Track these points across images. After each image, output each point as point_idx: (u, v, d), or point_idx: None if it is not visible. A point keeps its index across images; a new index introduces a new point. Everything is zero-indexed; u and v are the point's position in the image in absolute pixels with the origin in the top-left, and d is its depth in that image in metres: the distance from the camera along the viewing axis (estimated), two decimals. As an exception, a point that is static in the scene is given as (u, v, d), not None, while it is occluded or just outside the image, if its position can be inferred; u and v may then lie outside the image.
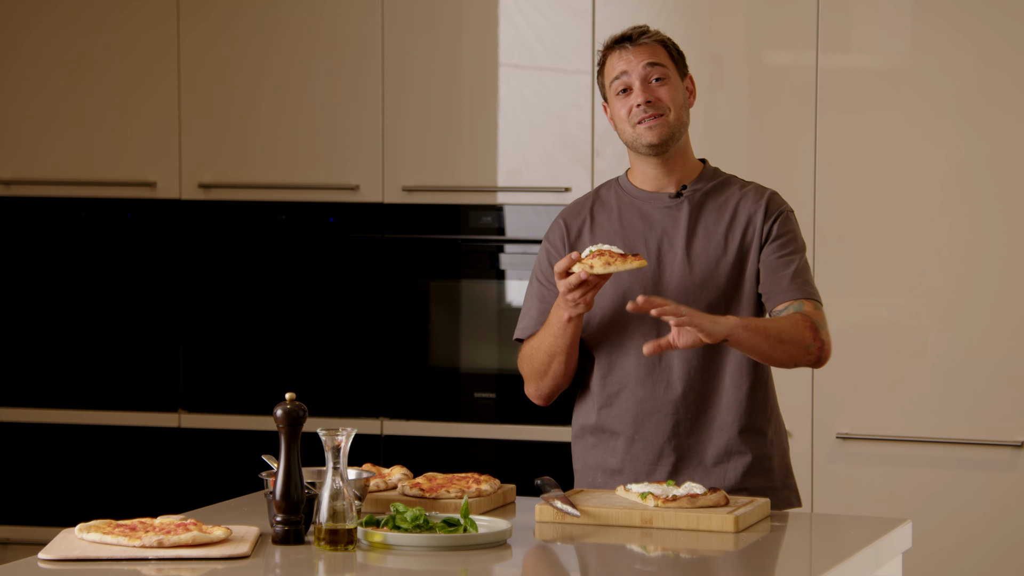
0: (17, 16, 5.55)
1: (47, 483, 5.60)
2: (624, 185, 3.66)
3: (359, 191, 5.35)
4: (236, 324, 5.45)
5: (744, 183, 3.65)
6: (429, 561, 2.94)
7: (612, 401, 3.59)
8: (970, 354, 4.85)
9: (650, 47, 3.57)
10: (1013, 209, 4.82)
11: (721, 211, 3.59)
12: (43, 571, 2.83)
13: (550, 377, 3.60)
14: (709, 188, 3.61)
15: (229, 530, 3.02)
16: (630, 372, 3.57)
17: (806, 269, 3.58)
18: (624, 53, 3.57)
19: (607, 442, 3.60)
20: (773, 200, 3.61)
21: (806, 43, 4.96)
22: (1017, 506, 4.83)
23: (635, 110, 3.54)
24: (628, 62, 3.56)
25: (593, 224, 3.63)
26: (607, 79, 3.60)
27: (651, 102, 3.53)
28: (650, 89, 3.55)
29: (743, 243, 3.56)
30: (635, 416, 3.56)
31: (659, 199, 3.61)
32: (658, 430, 3.55)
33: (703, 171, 3.64)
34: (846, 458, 4.91)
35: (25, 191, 5.58)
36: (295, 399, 3.05)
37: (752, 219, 3.58)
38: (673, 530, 3.19)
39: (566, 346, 3.53)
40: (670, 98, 3.55)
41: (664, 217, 3.59)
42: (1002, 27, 4.81)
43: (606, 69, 3.61)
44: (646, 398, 3.56)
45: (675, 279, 3.55)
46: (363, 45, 5.32)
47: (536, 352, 3.59)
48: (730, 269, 3.55)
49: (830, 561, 3.03)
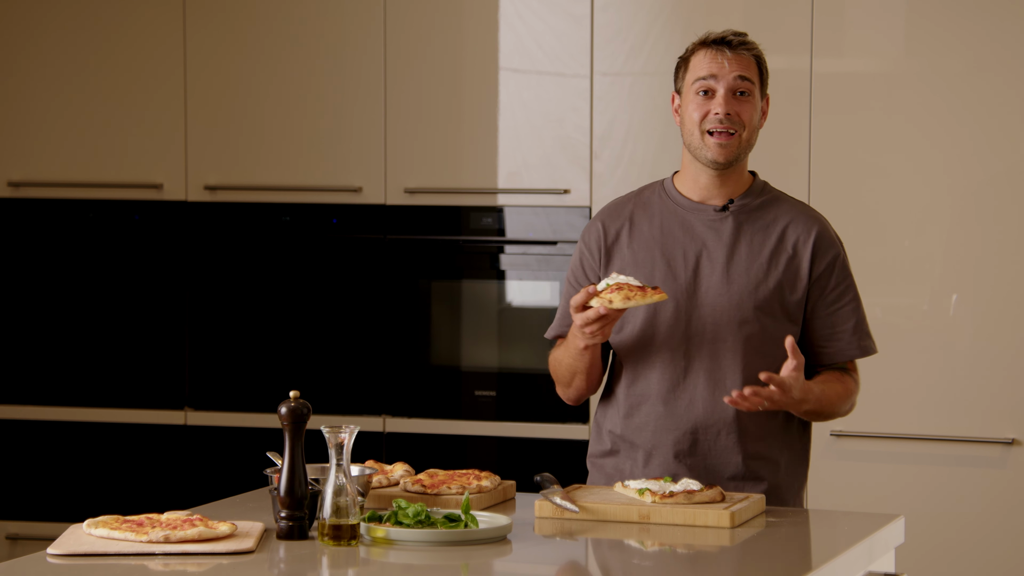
0: (26, 22, 5.55)
1: (56, 479, 5.60)
2: (669, 190, 3.54)
3: (362, 193, 5.35)
4: (241, 323, 5.45)
5: (793, 203, 3.54)
6: (431, 556, 2.94)
7: (634, 412, 3.52)
8: (962, 353, 4.85)
9: (745, 59, 3.45)
10: (1005, 210, 4.82)
11: (768, 231, 3.48)
12: (52, 566, 2.83)
13: (574, 388, 3.57)
14: (757, 205, 3.51)
15: (234, 526, 3.03)
16: (653, 386, 3.50)
17: (863, 317, 3.52)
18: (719, 56, 3.43)
19: (627, 451, 3.54)
20: (824, 236, 3.50)
21: (801, 47, 4.96)
22: (1008, 502, 4.83)
23: (711, 117, 3.42)
24: (721, 67, 3.43)
25: (632, 229, 3.53)
26: (690, 74, 3.46)
27: (730, 115, 3.42)
28: (734, 102, 3.43)
29: (788, 270, 3.47)
30: (653, 431, 3.50)
31: (704, 211, 3.50)
32: (674, 447, 3.49)
33: (752, 185, 3.53)
34: (840, 455, 4.91)
35: (35, 193, 5.59)
36: (299, 397, 3.05)
37: (799, 250, 3.47)
38: (670, 525, 3.19)
39: (585, 367, 3.49)
40: (748, 117, 3.44)
41: (707, 230, 3.48)
42: (993, 31, 4.81)
43: (692, 63, 3.46)
44: (666, 414, 3.49)
45: (711, 295, 3.46)
46: (366, 50, 5.32)
47: (559, 366, 3.55)
48: (769, 293, 3.45)
49: (824, 556, 3.03)
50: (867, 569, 3.15)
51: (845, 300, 3.50)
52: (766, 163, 4.95)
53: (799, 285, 3.48)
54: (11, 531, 5.64)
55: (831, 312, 3.49)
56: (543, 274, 5.22)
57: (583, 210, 5.16)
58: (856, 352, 3.51)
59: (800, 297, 3.48)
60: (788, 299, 3.47)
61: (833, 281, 3.49)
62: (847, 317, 3.50)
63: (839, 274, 3.50)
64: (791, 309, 3.48)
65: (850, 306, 3.51)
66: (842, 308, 3.50)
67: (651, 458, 3.51)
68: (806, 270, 3.48)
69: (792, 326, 3.48)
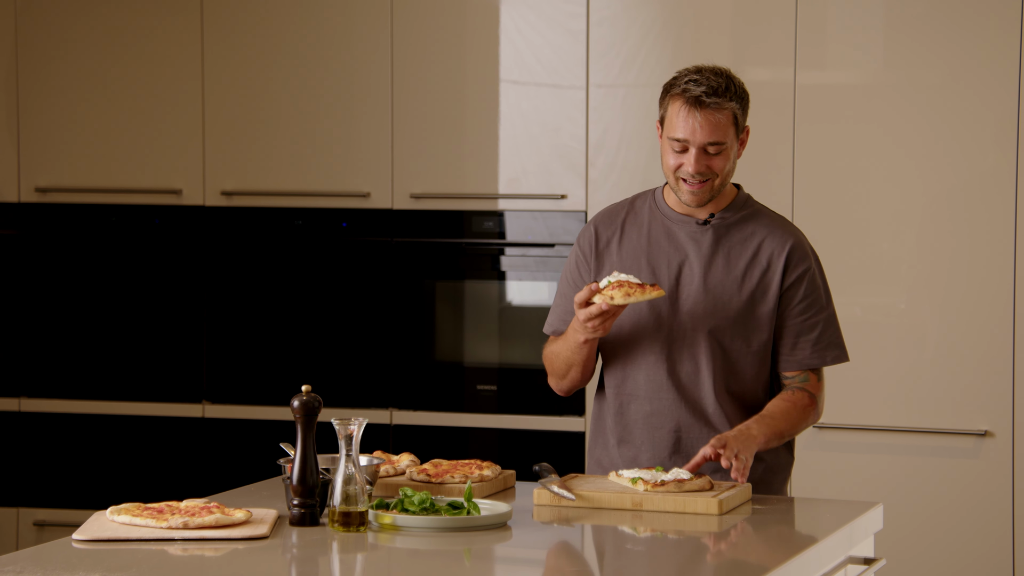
0: (52, 37, 5.55)
1: (81, 469, 5.60)
2: (659, 201, 3.54)
3: (370, 198, 5.35)
4: (256, 322, 5.45)
5: (772, 218, 3.53)
6: (435, 541, 2.94)
7: (624, 410, 3.53)
8: (937, 349, 4.85)
9: (717, 119, 3.36)
10: (976, 214, 4.82)
11: (745, 244, 3.48)
12: (77, 551, 2.83)
13: (568, 380, 3.57)
14: (736, 219, 3.50)
15: (249, 513, 3.02)
16: (640, 386, 3.51)
17: (830, 326, 3.49)
18: (691, 117, 3.36)
19: (622, 446, 3.55)
20: (796, 250, 3.49)
21: (785, 61, 4.96)
22: (980, 490, 4.83)
23: (683, 169, 3.39)
24: (692, 132, 3.36)
25: (622, 237, 3.54)
26: (667, 127, 3.41)
27: (702, 172, 3.39)
28: (704, 159, 3.38)
29: (761, 281, 3.47)
30: (642, 428, 3.51)
31: (687, 223, 3.50)
32: (662, 444, 3.50)
33: (735, 200, 3.52)
34: (822, 446, 4.91)
35: (59, 198, 5.58)
36: (311, 391, 3.05)
37: (772, 263, 3.47)
38: (661, 512, 3.19)
39: (582, 360, 3.49)
40: (720, 167, 3.40)
41: (689, 241, 3.49)
42: (967, 45, 4.81)
43: (668, 116, 3.40)
44: (652, 413, 3.50)
45: (689, 302, 3.46)
46: (374, 63, 5.32)
47: (556, 358, 3.55)
48: (743, 303, 3.46)
49: (807, 541, 3.03)
50: (848, 554, 3.15)
51: (812, 312, 3.49)
52: (752, 170, 4.96)
53: (770, 296, 3.48)
54: (38, 518, 5.64)
55: (797, 323, 3.49)
56: (541, 275, 5.22)
57: (579, 214, 5.16)
58: (815, 361, 3.50)
59: (771, 308, 3.48)
60: (760, 309, 3.48)
61: (801, 293, 3.48)
62: (812, 328, 3.49)
63: (808, 287, 3.49)
64: (762, 319, 3.48)
65: (816, 318, 3.49)
66: (808, 319, 3.49)
67: (642, 453, 3.52)
68: (777, 282, 3.48)
69: (762, 334, 3.49)
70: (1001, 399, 4.80)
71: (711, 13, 5.03)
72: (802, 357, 3.49)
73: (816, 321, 3.49)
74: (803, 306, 3.49)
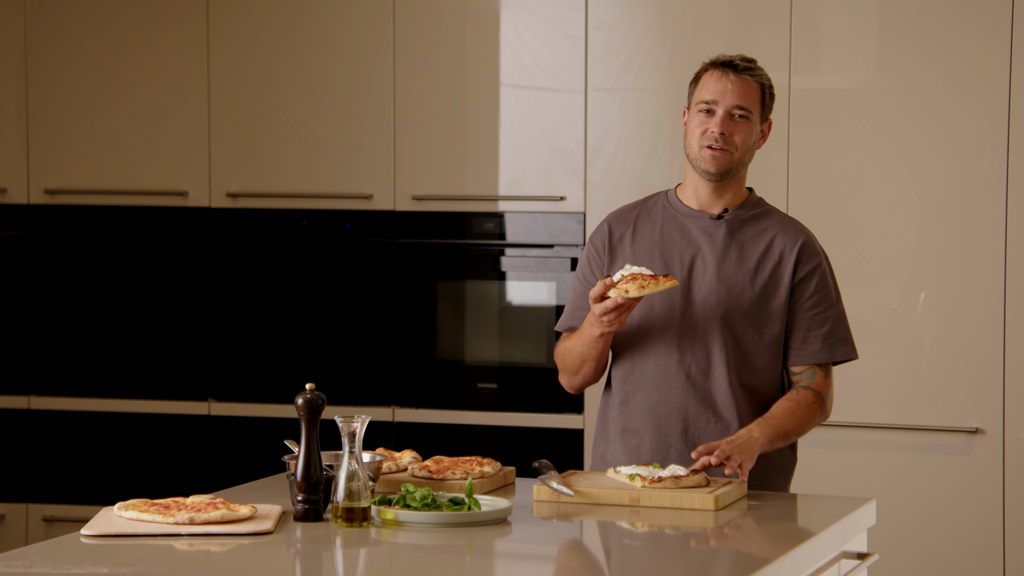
0: (60, 42, 5.55)
1: (89, 465, 5.60)
2: (672, 199, 3.57)
3: (373, 200, 5.35)
4: (261, 321, 5.46)
5: (783, 217, 3.56)
6: (436, 536, 2.94)
7: (629, 400, 3.53)
8: (929, 348, 4.85)
9: (747, 85, 3.46)
10: (968, 214, 4.82)
11: (757, 240, 3.51)
12: (86, 546, 2.84)
13: (581, 376, 3.57)
14: (749, 216, 3.53)
15: (254, 508, 3.03)
16: (648, 376, 3.51)
17: (840, 322, 3.52)
18: (723, 79, 3.45)
19: (625, 438, 3.54)
20: (808, 247, 3.52)
21: (780, 64, 4.96)
22: (972, 487, 4.83)
23: (708, 134, 3.44)
24: (722, 93, 3.45)
25: (635, 233, 3.55)
26: (697, 94, 3.48)
27: (725, 135, 3.44)
28: (730, 123, 3.44)
29: (773, 275, 3.48)
30: (648, 417, 3.51)
31: (701, 218, 3.52)
32: (667, 433, 3.50)
33: (748, 199, 3.56)
34: (817, 442, 4.91)
35: (69, 200, 5.59)
36: (314, 389, 3.06)
37: (784, 258, 3.49)
38: (658, 508, 3.20)
39: (596, 355, 3.49)
40: (742, 139, 3.45)
41: (702, 235, 3.51)
42: (959, 50, 4.81)
43: (700, 84, 3.49)
44: (660, 402, 3.50)
45: (702, 295, 3.47)
46: (377, 68, 5.33)
47: (569, 354, 3.55)
48: (756, 295, 3.47)
49: (802, 536, 3.03)
50: (841, 548, 3.15)
51: (822, 307, 3.50)
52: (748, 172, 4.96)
53: (781, 289, 3.49)
54: (47, 514, 5.64)
55: (808, 317, 3.50)
56: (541, 275, 5.22)
57: (578, 216, 5.17)
58: (824, 356, 3.51)
59: (782, 301, 3.50)
60: (772, 302, 3.49)
61: (812, 288, 3.50)
62: (822, 323, 3.50)
63: (818, 282, 3.51)
64: (774, 311, 3.49)
65: (827, 313, 3.51)
66: (819, 314, 3.50)
67: (645, 442, 3.52)
68: (788, 276, 3.49)
69: (774, 327, 3.50)
70: (992, 397, 4.80)
71: (707, 18, 5.04)
72: (812, 351, 3.50)
73: (827, 316, 3.51)
74: (813, 300, 3.50)
